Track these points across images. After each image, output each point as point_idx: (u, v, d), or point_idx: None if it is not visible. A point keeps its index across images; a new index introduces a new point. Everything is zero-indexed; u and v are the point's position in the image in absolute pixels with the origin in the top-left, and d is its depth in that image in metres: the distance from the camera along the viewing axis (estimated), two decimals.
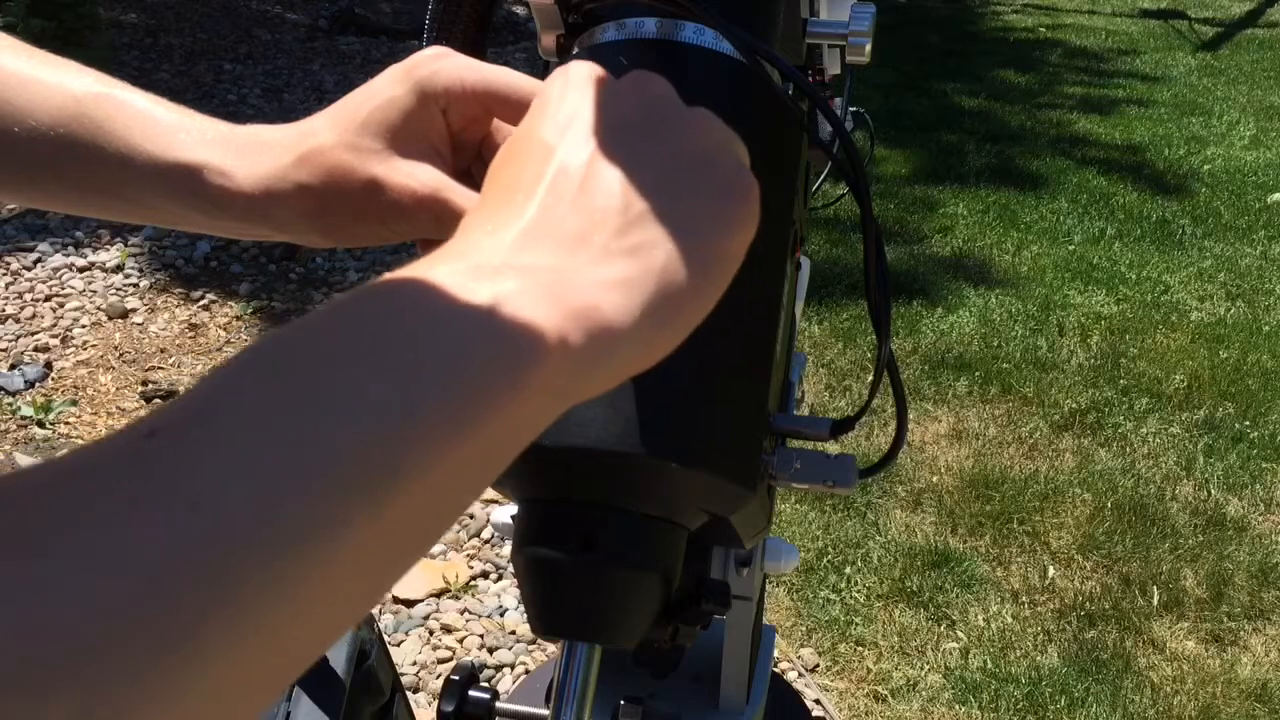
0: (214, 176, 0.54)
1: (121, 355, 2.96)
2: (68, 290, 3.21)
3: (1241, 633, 2.22)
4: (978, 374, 3.03)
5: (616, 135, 0.40)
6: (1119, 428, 2.84)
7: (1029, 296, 3.48)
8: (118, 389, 2.83)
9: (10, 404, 2.70)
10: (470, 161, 0.56)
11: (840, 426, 0.62)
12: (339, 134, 0.53)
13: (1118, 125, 5.12)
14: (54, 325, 3.06)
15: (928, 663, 2.11)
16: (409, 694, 1.98)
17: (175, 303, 3.21)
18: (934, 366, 3.07)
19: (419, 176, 0.52)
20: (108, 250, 3.40)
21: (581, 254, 0.37)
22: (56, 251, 3.37)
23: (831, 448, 1.97)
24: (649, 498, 0.54)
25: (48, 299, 3.17)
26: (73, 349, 2.98)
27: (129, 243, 3.45)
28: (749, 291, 0.57)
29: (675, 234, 0.39)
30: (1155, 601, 2.27)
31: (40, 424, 2.66)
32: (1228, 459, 2.73)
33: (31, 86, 0.55)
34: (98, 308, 3.16)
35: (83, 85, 0.56)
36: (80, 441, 2.63)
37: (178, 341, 3.04)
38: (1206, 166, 4.66)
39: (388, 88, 0.53)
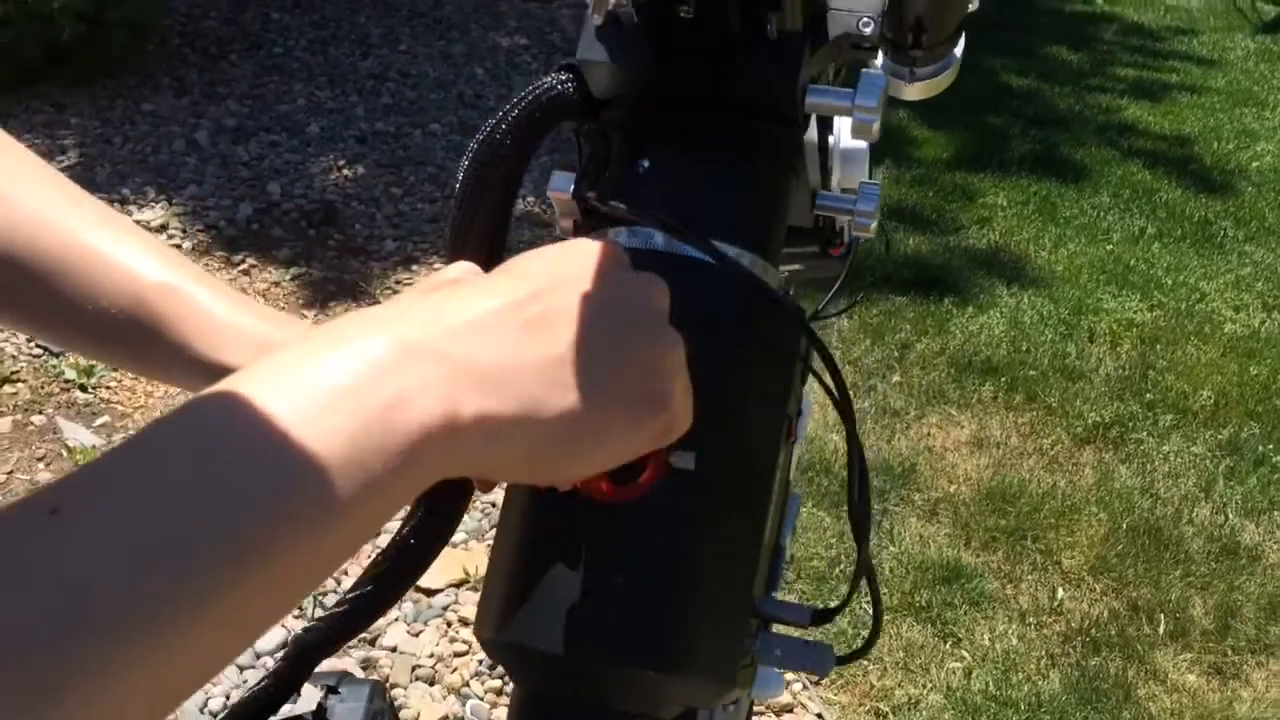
0: None
1: None
2: None
3: (1244, 666, 2.25)
4: (1004, 379, 3.05)
5: (602, 304, 0.45)
6: (1141, 444, 2.85)
7: (1062, 299, 3.47)
8: None
9: (54, 366, 2.78)
10: None
11: (821, 616, 0.65)
12: None
13: (1168, 114, 5.04)
14: None
15: (930, 681, 2.16)
16: (425, 685, 2.06)
17: (216, 265, 3.26)
18: (960, 370, 3.08)
19: None
20: (153, 208, 3.46)
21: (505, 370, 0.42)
22: None
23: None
24: (627, 697, 0.57)
25: None
26: None
27: (173, 202, 3.50)
28: (740, 490, 0.60)
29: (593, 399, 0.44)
30: (1161, 630, 2.31)
31: (83, 388, 2.74)
32: (1248, 483, 2.74)
33: (105, 267, 0.60)
34: None
35: (151, 274, 0.60)
36: (121, 408, 2.71)
37: None
38: (1255, 164, 4.59)
39: None
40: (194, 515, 0.33)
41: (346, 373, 0.37)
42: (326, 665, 0.58)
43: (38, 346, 2.86)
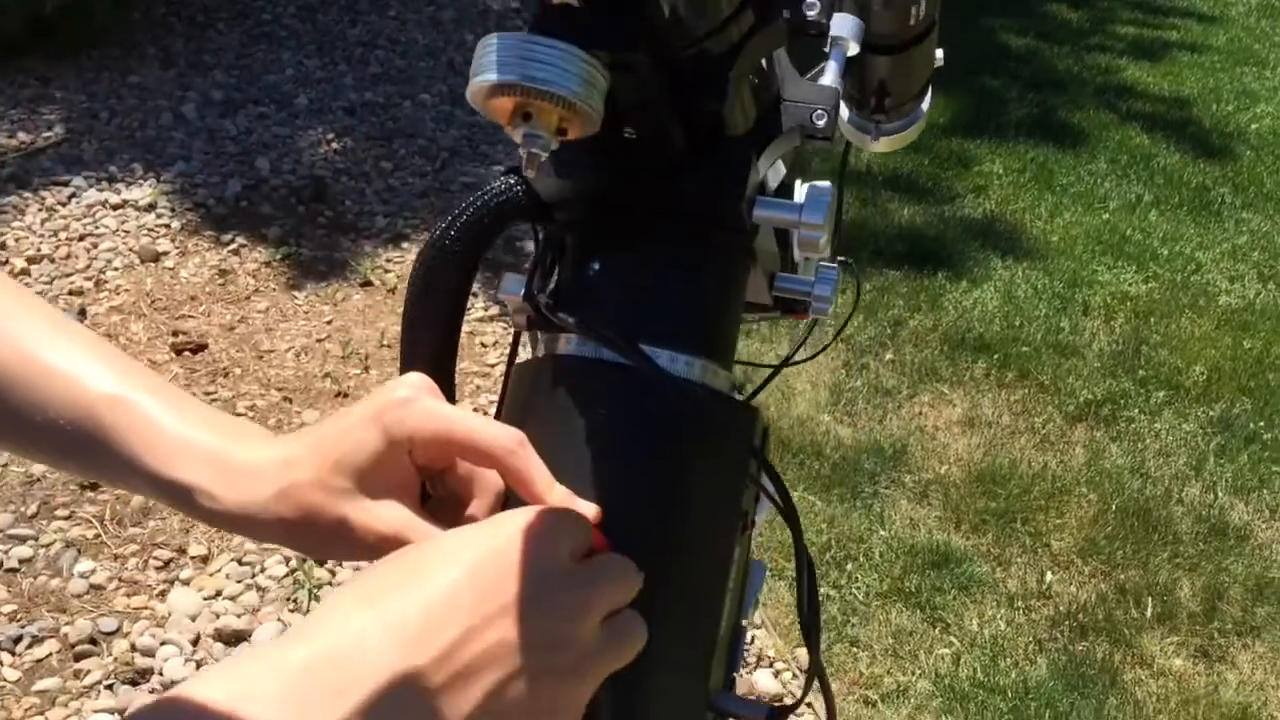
0: (203, 499, 0.59)
1: (153, 302, 3.02)
2: (101, 230, 3.26)
3: (1230, 649, 2.27)
4: (997, 356, 3.04)
5: (525, 649, 0.46)
6: (1133, 422, 2.86)
7: (1057, 271, 3.45)
8: (149, 339, 2.89)
9: None
10: (434, 483, 0.60)
11: (776, 714, 0.65)
12: (315, 471, 0.57)
13: (1167, 74, 4.99)
14: (88, 267, 3.12)
15: (919, 668, 2.18)
16: None
17: (206, 246, 3.25)
18: (953, 347, 3.08)
19: (383, 517, 0.57)
20: (140, 186, 3.44)
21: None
22: (91, 186, 3.41)
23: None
24: None
25: (82, 238, 3.22)
26: (106, 294, 3.04)
27: (161, 179, 3.48)
28: (691, 601, 0.61)
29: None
30: (1149, 613, 2.33)
31: None
32: (1238, 460, 2.74)
33: (53, 378, 0.59)
34: (130, 249, 3.20)
35: (100, 386, 0.59)
36: None
37: (208, 289, 3.09)
38: (1254, 126, 4.55)
39: (358, 429, 0.57)
40: None
41: None
42: None
43: None
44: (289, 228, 3.35)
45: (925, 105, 0.84)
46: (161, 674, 2.06)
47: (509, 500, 0.59)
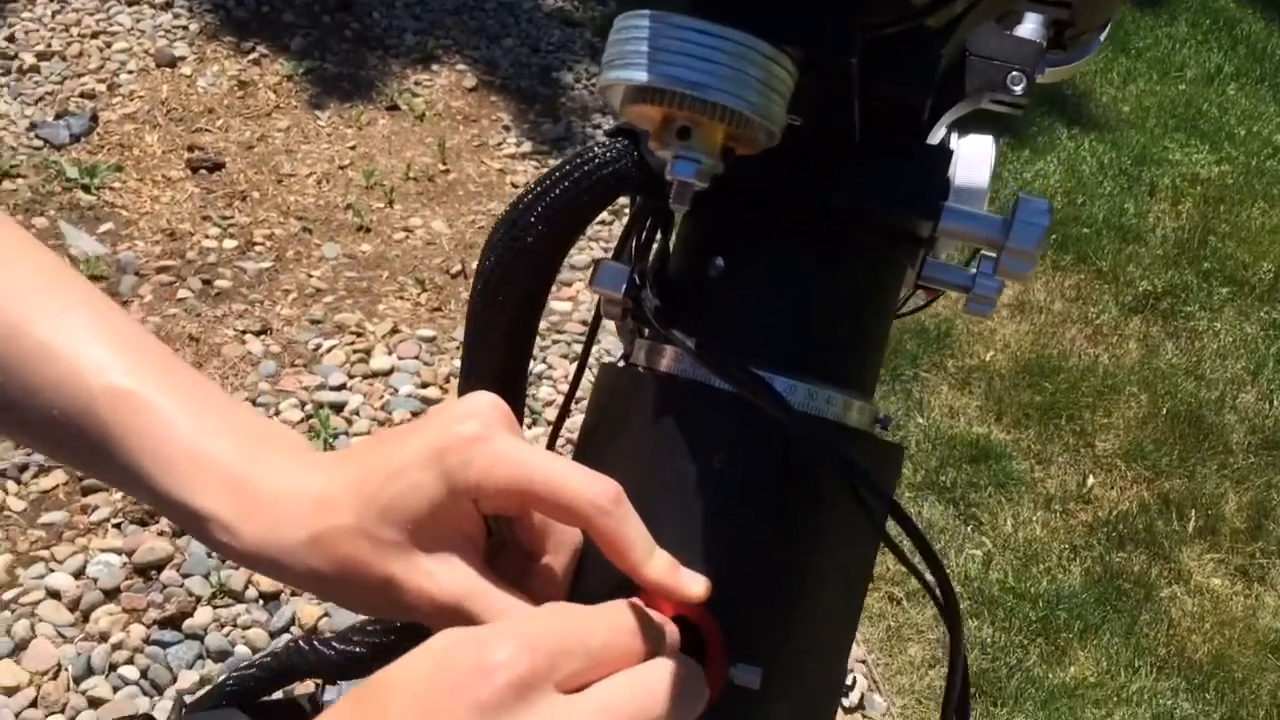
0: (219, 531, 0.47)
1: (169, 112, 2.85)
2: (115, 27, 3.05)
3: (1271, 571, 2.20)
4: (1055, 236, 2.88)
5: None
6: (1191, 318, 2.72)
7: (1125, 145, 3.25)
8: (164, 152, 2.73)
9: (55, 163, 2.62)
10: (498, 527, 0.48)
11: None
12: (358, 517, 0.46)
13: None
14: (101, 68, 2.93)
15: (948, 567, 2.11)
16: None
17: (225, 53, 3.05)
18: None
19: (440, 580, 0.46)
20: None
21: None
22: None
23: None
24: None
25: (95, 35, 3.02)
26: (119, 99, 2.86)
27: None
28: (814, 695, 0.50)
29: None
30: (1190, 527, 2.24)
31: (86, 188, 2.59)
32: None
33: (47, 362, 0.48)
34: (146, 51, 3.01)
35: (104, 376, 0.48)
36: (125, 213, 2.56)
37: (226, 101, 2.91)
38: None
39: (414, 468, 0.45)
40: None
41: None
42: None
43: (37, 136, 2.70)
44: (313, 39, 3.14)
45: (1103, 36, 0.69)
46: None
47: (587, 558, 0.48)
